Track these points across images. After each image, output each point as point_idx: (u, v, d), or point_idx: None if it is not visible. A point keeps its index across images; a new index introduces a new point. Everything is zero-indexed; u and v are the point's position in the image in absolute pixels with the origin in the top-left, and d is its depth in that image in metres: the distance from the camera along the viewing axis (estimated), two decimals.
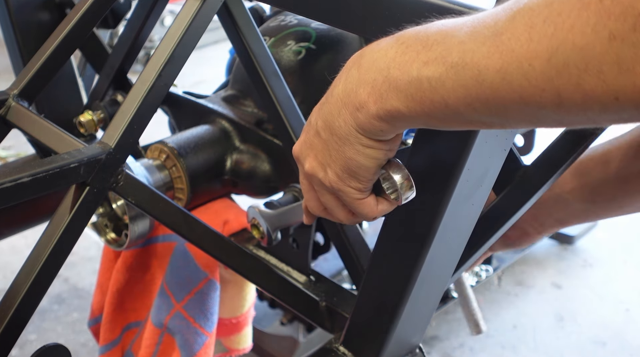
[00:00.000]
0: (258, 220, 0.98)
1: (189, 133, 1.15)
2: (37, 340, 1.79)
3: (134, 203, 0.83)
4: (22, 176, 0.68)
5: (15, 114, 0.85)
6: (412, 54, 0.51)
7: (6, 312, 0.73)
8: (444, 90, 0.49)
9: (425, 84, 0.50)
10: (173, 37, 0.83)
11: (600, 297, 1.90)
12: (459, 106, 0.48)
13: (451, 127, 0.53)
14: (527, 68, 0.43)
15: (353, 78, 0.56)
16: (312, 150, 0.63)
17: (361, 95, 0.55)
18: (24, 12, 1.23)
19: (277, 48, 1.17)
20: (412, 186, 0.63)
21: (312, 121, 0.63)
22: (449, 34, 0.49)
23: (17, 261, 2.01)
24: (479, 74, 0.46)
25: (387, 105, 0.53)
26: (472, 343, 1.75)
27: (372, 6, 0.71)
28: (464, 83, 0.47)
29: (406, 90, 0.51)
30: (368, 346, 0.90)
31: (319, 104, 0.63)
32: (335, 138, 0.59)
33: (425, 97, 0.50)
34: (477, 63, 0.46)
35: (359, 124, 0.56)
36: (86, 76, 1.43)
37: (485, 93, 0.46)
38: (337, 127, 0.58)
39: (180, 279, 1.12)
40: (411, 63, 0.51)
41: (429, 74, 0.49)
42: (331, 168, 0.62)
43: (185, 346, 1.11)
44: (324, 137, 0.61)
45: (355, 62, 0.57)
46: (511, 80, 0.44)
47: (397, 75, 0.52)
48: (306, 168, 0.65)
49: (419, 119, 0.52)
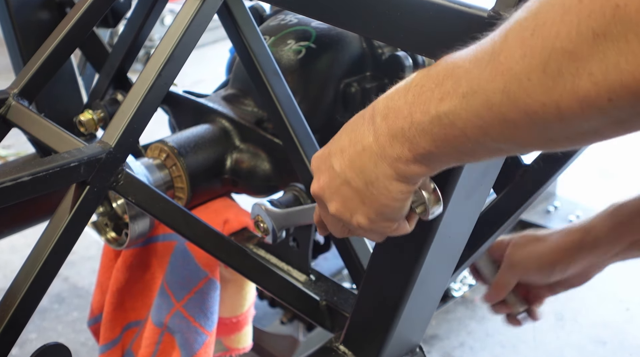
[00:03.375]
0: (263, 218, 0.98)
1: (189, 132, 1.15)
2: (37, 339, 1.79)
3: (134, 202, 0.83)
4: (22, 175, 0.68)
5: (15, 113, 0.85)
6: (427, 93, 0.53)
7: (6, 311, 0.73)
8: (461, 122, 0.50)
9: (444, 120, 0.51)
10: (173, 37, 0.83)
11: (600, 297, 1.90)
12: (477, 136, 0.50)
13: (480, 159, 0.55)
14: (526, 83, 0.44)
15: (382, 130, 0.58)
16: (339, 197, 0.65)
17: (396, 146, 0.56)
18: (24, 11, 1.23)
19: (277, 47, 1.17)
20: (439, 199, 0.64)
21: (335, 168, 0.64)
22: (456, 66, 0.51)
23: (17, 260, 2.01)
24: (487, 99, 0.47)
25: (419, 149, 0.55)
26: (472, 342, 1.75)
27: (372, 6, 0.71)
28: (476, 111, 0.49)
29: (431, 130, 0.53)
30: (368, 345, 0.90)
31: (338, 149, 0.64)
32: (371, 189, 0.61)
33: (448, 133, 0.52)
34: (483, 88, 0.47)
35: (400, 173, 0.58)
36: (86, 75, 1.43)
37: (497, 117, 0.47)
38: (375, 179, 0.60)
39: (180, 278, 1.12)
40: (429, 103, 0.52)
41: (445, 109, 0.51)
42: (362, 213, 0.64)
43: (186, 345, 1.11)
44: (356, 186, 0.62)
45: (378, 113, 0.59)
46: (515, 98, 0.45)
47: (420, 118, 0.53)
48: (332, 211, 0.67)
49: (450, 155, 0.54)
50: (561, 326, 1.81)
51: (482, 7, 0.62)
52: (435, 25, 0.66)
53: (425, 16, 0.66)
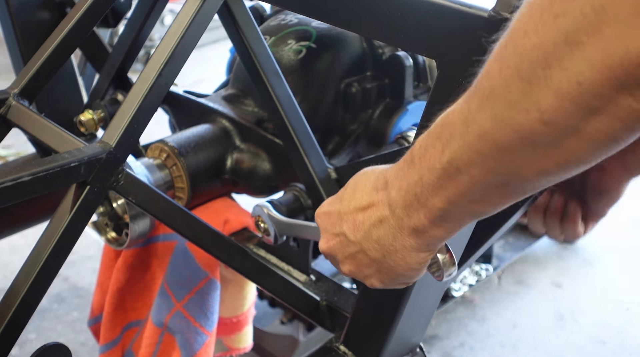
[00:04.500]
0: (265, 221, 0.98)
1: (189, 132, 1.15)
2: (37, 339, 1.79)
3: (134, 202, 0.83)
4: (22, 175, 0.68)
5: (15, 113, 0.85)
6: (431, 150, 0.54)
7: (6, 311, 0.73)
8: (464, 164, 0.51)
9: (450, 169, 0.52)
10: (173, 37, 0.83)
11: (600, 297, 1.90)
12: (482, 175, 0.50)
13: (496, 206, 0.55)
14: (508, 96, 0.45)
15: (397, 202, 0.58)
16: (354, 262, 0.66)
17: (413, 216, 0.57)
18: (25, 11, 1.23)
19: (277, 47, 1.17)
20: (454, 262, 0.65)
21: (349, 236, 0.65)
22: (449, 113, 0.52)
23: (17, 260, 2.01)
24: (480, 129, 0.48)
25: (435, 210, 0.55)
26: (472, 342, 1.75)
27: (373, 6, 0.71)
28: (474, 146, 0.49)
29: (441, 185, 0.53)
30: (368, 345, 0.90)
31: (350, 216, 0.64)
32: (389, 260, 0.62)
33: (457, 182, 0.52)
34: (474, 120, 0.48)
35: (420, 242, 0.59)
36: (86, 75, 1.43)
37: (492, 147, 0.48)
38: (394, 251, 0.61)
39: (180, 278, 1.12)
40: (434, 159, 0.53)
41: (448, 158, 0.52)
42: (377, 278, 0.65)
43: (186, 345, 1.11)
44: (373, 257, 0.63)
45: (391, 184, 0.60)
46: (502, 118, 0.46)
47: (429, 177, 0.54)
48: (344, 271, 0.68)
49: (465, 208, 0.54)
50: (561, 326, 1.81)
51: (482, 7, 0.62)
52: (435, 25, 0.66)
53: (426, 16, 0.66)
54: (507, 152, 0.47)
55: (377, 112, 1.19)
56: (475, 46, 0.63)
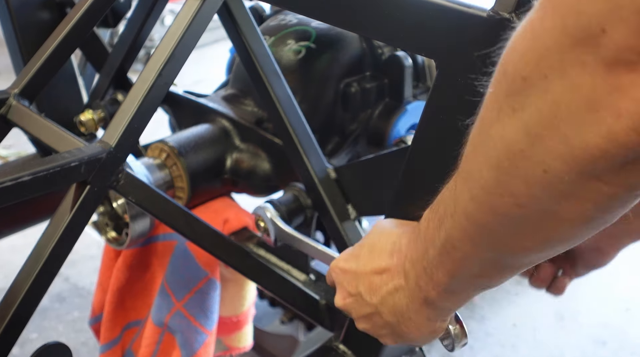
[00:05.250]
0: (266, 223, 0.98)
1: (189, 132, 1.15)
2: (38, 339, 1.79)
3: (134, 202, 0.83)
4: (22, 175, 0.68)
5: (16, 113, 0.86)
6: (431, 225, 0.55)
7: (7, 310, 0.73)
8: (457, 241, 0.52)
9: (447, 246, 0.53)
10: (173, 37, 0.83)
11: (600, 297, 1.90)
12: (475, 253, 0.51)
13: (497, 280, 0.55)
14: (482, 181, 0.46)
15: (411, 273, 0.60)
16: (369, 321, 0.67)
17: (423, 287, 0.59)
18: (25, 11, 1.24)
19: (277, 47, 1.17)
20: (465, 334, 0.66)
21: (365, 298, 0.66)
22: (445, 189, 0.54)
23: (18, 259, 2.01)
24: (464, 211, 0.49)
25: (440, 284, 0.57)
26: (472, 342, 1.76)
27: (372, 5, 0.71)
28: (461, 225, 0.50)
29: (441, 261, 0.55)
30: (368, 344, 0.90)
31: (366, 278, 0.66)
32: (403, 326, 0.63)
33: (455, 259, 0.53)
34: (459, 201, 0.50)
35: (433, 312, 0.60)
36: (86, 75, 1.43)
37: (474, 225, 0.49)
38: (408, 318, 0.62)
39: (180, 277, 1.12)
40: (434, 234, 0.55)
41: (444, 235, 0.53)
42: (391, 338, 0.67)
43: (186, 345, 1.11)
44: (388, 320, 0.64)
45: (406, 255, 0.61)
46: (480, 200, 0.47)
47: (432, 252, 0.56)
48: (359, 327, 0.69)
49: (468, 282, 0.55)
50: (561, 326, 1.81)
51: (482, 7, 0.62)
52: (435, 26, 0.66)
53: (425, 16, 0.66)
54: (491, 231, 0.48)
55: (376, 112, 1.19)
56: (475, 46, 0.63)
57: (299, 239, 0.94)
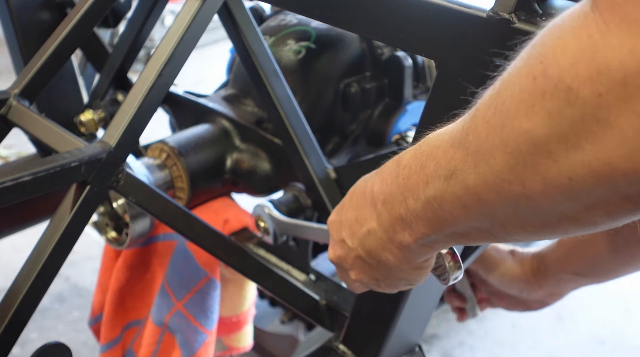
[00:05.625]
0: (265, 221, 0.98)
1: (189, 132, 1.15)
2: (38, 339, 1.79)
3: (134, 202, 0.84)
4: (23, 175, 0.68)
5: (16, 113, 0.86)
6: (414, 177, 0.53)
7: (7, 310, 0.73)
8: (447, 205, 0.50)
9: (433, 204, 0.51)
10: (173, 37, 0.83)
11: (599, 296, 1.90)
12: (464, 218, 0.50)
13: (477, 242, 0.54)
14: (492, 162, 0.44)
15: (384, 216, 0.58)
16: (358, 268, 0.66)
17: (399, 232, 0.57)
18: (25, 11, 1.24)
19: (277, 47, 1.17)
20: (460, 266, 0.64)
21: (348, 243, 0.65)
22: (435, 146, 0.51)
23: (18, 259, 2.01)
24: (463, 180, 0.47)
25: (419, 234, 0.55)
26: (472, 342, 1.76)
27: (372, 6, 0.71)
28: (457, 193, 0.48)
29: (424, 215, 0.53)
30: (368, 344, 0.90)
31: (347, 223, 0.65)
32: (384, 267, 0.62)
33: (440, 217, 0.51)
34: (459, 169, 0.47)
35: (406, 256, 0.59)
36: (87, 75, 1.43)
37: (473, 198, 0.47)
38: (386, 259, 0.61)
39: (180, 277, 1.12)
40: (417, 188, 0.52)
41: (432, 194, 0.51)
42: (384, 283, 0.66)
43: (186, 345, 1.11)
44: (371, 263, 0.64)
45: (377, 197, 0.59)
46: (485, 178, 0.45)
47: (413, 204, 0.54)
48: (352, 277, 0.68)
49: (449, 237, 0.54)
50: (561, 326, 1.81)
51: (482, 7, 0.62)
52: (434, 26, 0.66)
53: (425, 16, 0.66)
54: (490, 208, 0.46)
55: (376, 113, 1.19)
56: (475, 46, 0.63)
57: (300, 226, 0.93)
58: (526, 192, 0.42)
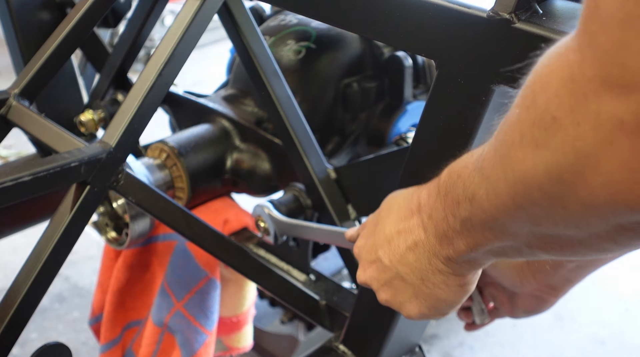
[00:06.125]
0: (265, 221, 0.98)
1: (189, 132, 1.15)
2: (38, 339, 1.79)
3: (134, 202, 0.84)
4: (23, 175, 0.68)
5: (16, 113, 0.86)
6: (451, 194, 0.54)
7: (7, 310, 0.73)
8: (477, 225, 0.51)
9: (467, 224, 0.52)
10: (173, 37, 0.83)
11: (599, 297, 1.90)
12: (495, 239, 0.51)
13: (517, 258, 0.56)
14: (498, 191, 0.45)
15: (431, 229, 0.58)
16: (391, 289, 0.65)
17: (444, 246, 0.57)
18: (25, 11, 1.24)
19: (277, 47, 1.17)
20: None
21: (384, 261, 0.64)
22: (464, 165, 0.52)
23: (18, 259, 2.01)
24: (481, 205, 0.48)
25: (460, 251, 0.55)
26: (472, 342, 1.76)
27: (372, 6, 0.71)
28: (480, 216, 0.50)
29: (462, 233, 0.54)
30: (368, 344, 0.90)
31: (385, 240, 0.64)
32: (427, 284, 0.61)
33: (475, 237, 0.52)
34: (477, 193, 0.49)
35: (454, 269, 0.59)
36: (87, 75, 1.43)
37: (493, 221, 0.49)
38: (432, 275, 0.60)
39: (180, 278, 1.12)
40: (455, 206, 0.53)
41: (465, 215, 0.52)
42: (415, 306, 0.64)
43: (186, 345, 1.11)
44: (410, 282, 0.62)
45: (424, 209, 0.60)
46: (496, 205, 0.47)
47: (453, 222, 0.54)
48: (381, 300, 0.67)
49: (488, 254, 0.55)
50: (561, 326, 1.81)
51: (482, 7, 0.62)
52: (435, 26, 0.66)
53: (425, 16, 0.66)
54: (509, 229, 0.48)
55: (376, 112, 1.19)
56: (475, 46, 0.63)
57: (301, 226, 0.93)
58: (531, 219, 0.43)
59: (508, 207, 0.45)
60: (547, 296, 1.03)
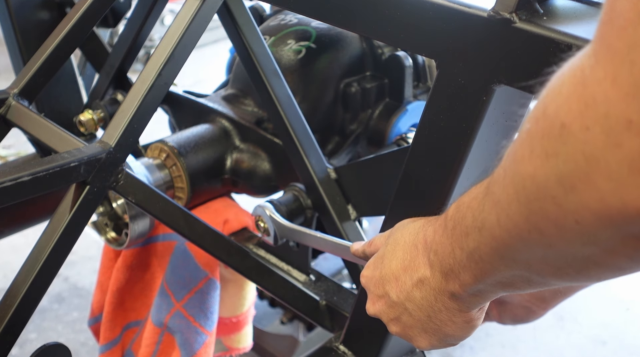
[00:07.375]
0: (266, 222, 0.98)
1: (189, 132, 1.15)
2: (37, 339, 1.79)
3: (134, 202, 0.83)
4: (22, 175, 0.68)
5: (15, 113, 0.86)
6: (458, 228, 0.54)
7: (6, 311, 0.73)
8: (486, 255, 0.51)
9: (475, 255, 0.52)
10: (173, 37, 0.83)
11: (600, 297, 1.90)
12: (503, 268, 0.50)
13: (526, 291, 0.55)
14: (510, 212, 0.45)
15: (437, 266, 0.58)
16: (400, 323, 0.65)
17: (450, 282, 0.57)
18: (24, 11, 1.24)
19: (277, 47, 1.17)
20: None
21: (392, 297, 0.64)
22: (473, 197, 0.52)
23: (18, 260, 2.01)
24: (491, 232, 0.48)
25: (467, 285, 0.55)
26: (473, 342, 1.75)
27: (372, 6, 0.71)
28: (490, 244, 0.49)
29: (469, 266, 0.53)
30: (368, 345, 0.90)
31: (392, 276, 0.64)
32: (435, 320, 0.61)
33: (482, 268, 0.52)
34: (487, 220, 0.48)
35: (460, 306, 0.59)
36: (86, 75, 1.43)
37: (503, 248, 0.48)
38: (438, 311, 0.60)
39: (180, 278, 1.12)
40: (462, 239, 0.53)
41: (473, 246, 0.52)
42: (424, 339, 0.64)
43: (186, 345, 1.11)
44: (418, 318, 0.63)
45: (430, 247, 0.59)
46: (508, 229, 0.46)
47: (460, 255, 0.54)
48: (392, 332, 0.67)
49: (495, 286, 0.54)
50: (561, 326, 1.81)
51: (482, 7, 0.62)
52: (434, 25, 0.66)
53: (425, 16, 0.66)
54: (519, 254, 0.47)
55: (376, 112, 1.19)
56: (475, 46, 0.63)
57: (299, 232, 0.93)
58: (545, 239, 0.43)
59: (521, 229, 0.44)
60: (536, 307, 1.03)
